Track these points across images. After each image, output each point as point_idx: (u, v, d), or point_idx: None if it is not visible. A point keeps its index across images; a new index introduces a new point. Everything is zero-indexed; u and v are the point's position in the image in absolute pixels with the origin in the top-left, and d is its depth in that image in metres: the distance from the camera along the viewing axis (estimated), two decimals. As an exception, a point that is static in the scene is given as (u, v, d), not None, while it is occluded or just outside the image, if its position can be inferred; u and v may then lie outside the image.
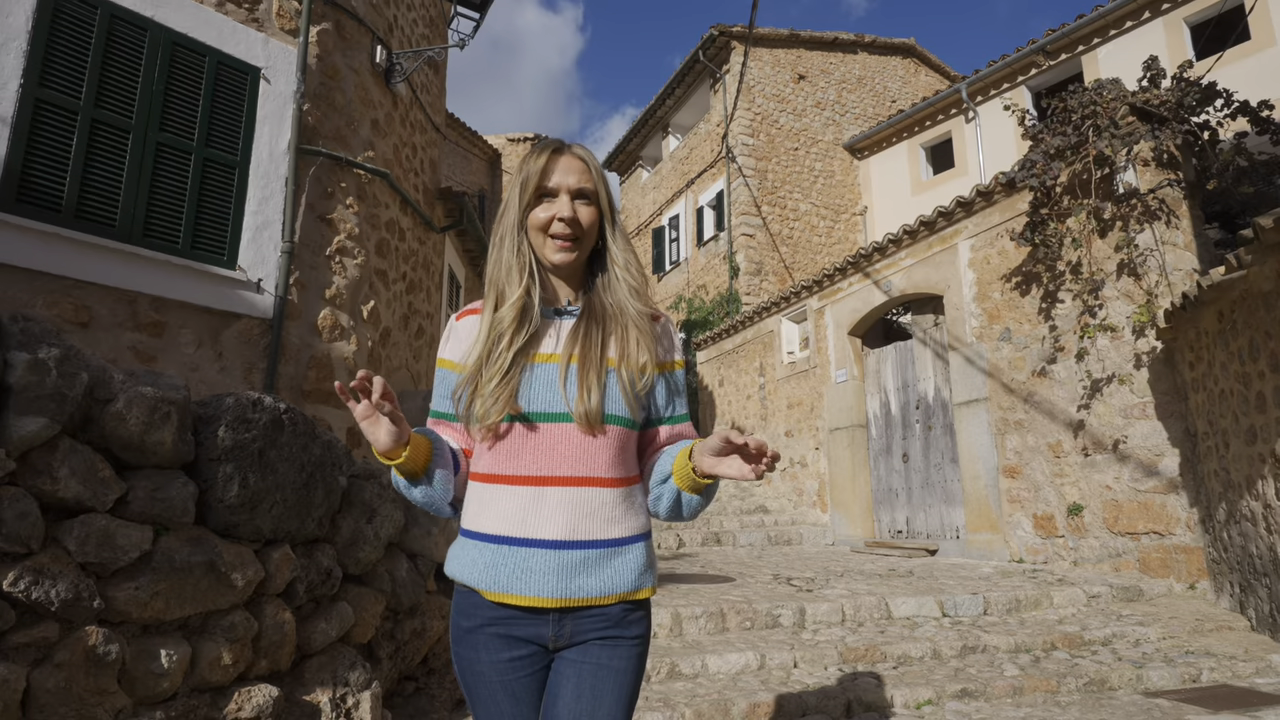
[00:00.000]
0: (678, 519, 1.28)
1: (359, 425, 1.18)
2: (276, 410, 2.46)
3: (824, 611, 4.35)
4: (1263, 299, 3.80)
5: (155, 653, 2.08)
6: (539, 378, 1.23)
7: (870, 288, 8.15)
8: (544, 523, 1.18)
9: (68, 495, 1.96)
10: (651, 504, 1.30)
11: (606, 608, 1.21)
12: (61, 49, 4.30)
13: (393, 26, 6.61)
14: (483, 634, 1.22)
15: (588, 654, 1.20)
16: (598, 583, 1.19)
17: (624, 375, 1.23)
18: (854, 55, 15.97)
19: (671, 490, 1.25)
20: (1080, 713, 3.08)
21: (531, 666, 1.22)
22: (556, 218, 1.23)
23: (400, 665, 2.99)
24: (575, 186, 1.24)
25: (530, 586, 1.17)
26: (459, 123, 18.17)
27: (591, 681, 1.19)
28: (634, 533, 1.25)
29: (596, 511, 1.20)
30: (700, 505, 1.25)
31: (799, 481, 9.48)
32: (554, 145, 1.27)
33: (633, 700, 1.23)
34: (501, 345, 1.22)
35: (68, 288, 4.24)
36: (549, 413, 1.21)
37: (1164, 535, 5.15)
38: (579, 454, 1.20)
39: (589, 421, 1.19)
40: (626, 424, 1.25)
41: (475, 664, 1.22)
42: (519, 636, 1.21)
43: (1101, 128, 5.49)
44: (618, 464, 1.24)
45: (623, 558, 1.22)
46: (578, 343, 1.24)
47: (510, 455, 1.22)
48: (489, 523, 1.22)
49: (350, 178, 5.71)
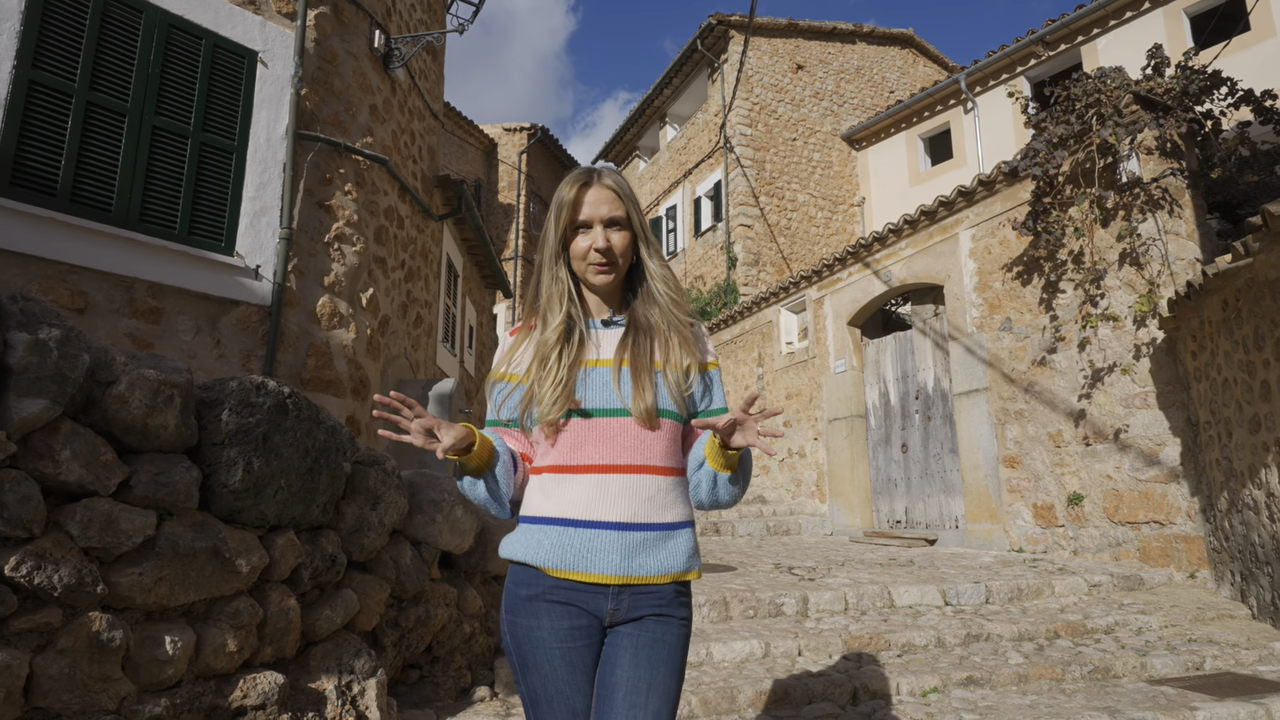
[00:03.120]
0: (717, 504, 1.38)
1: (422, 446, 1.27)
2: (280, 395, 2.42)
3: (827, 600, 4.34)
4: (1269, 287, 3.78)
5: (159, 639, 2.05)
6: (593, 380, 1.35)
7: (870, 278, 8.12)
8: (609, 507, 1.29)
9: (70, 479, 1.93)
10: (692, 492, 1.39)
11: (661, 587, 1.31)
12: (56, 30, 4.22)
13: (391, 11, 6.53)
14: (544, 601, 1.29)
15: (644, 628, 1.30)
16: (655, 562, 1.30)
17: (669, 376, 1.35)
18: (852, 45, 15.91)
19: (708, 474, 1.34)
20: (1086, 700, 3.08)
21: (589, 638, 1.29)
22: (593, 248, 1.36)
23: (404, 653, 2.97)
24: (607, 216, 1.37)
25: (596, 564, 1.27)
26: (455, 112, 18.06)
27: (649, 652, 1.28)
28: (683, 519, 1.35)
29: (654, 497, 1.31)
30: (734, 484, 1.35)
31: (797, 472, 9.48)
32: (584, 178, 1.38)
33: (682, 675, 1.32)
34: (552, 359, 1.34)
35: (63, 273, 4.18)
36: (608, 409, 1.33)
37: (1165, 524, 5.16)
38: (637, 445, 1.32)
39: (647, 416, 1.31)
40: (676, 418, 1.36)
41: (535, 630, 1.28)
42: (580, 606, 1.29)
43: (1105, 116, 5.46)
44: (670, 455, 1.35)
45: (675, 541, 1.33)
46: (628, 349, 1.37)
47: (574, 448, 1.32)
48: (556, 507, 1.31)
49: (349, 164, 5.65)
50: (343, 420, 5.21)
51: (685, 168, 15.83)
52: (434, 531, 3.09)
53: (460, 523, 3.18)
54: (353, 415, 5.39)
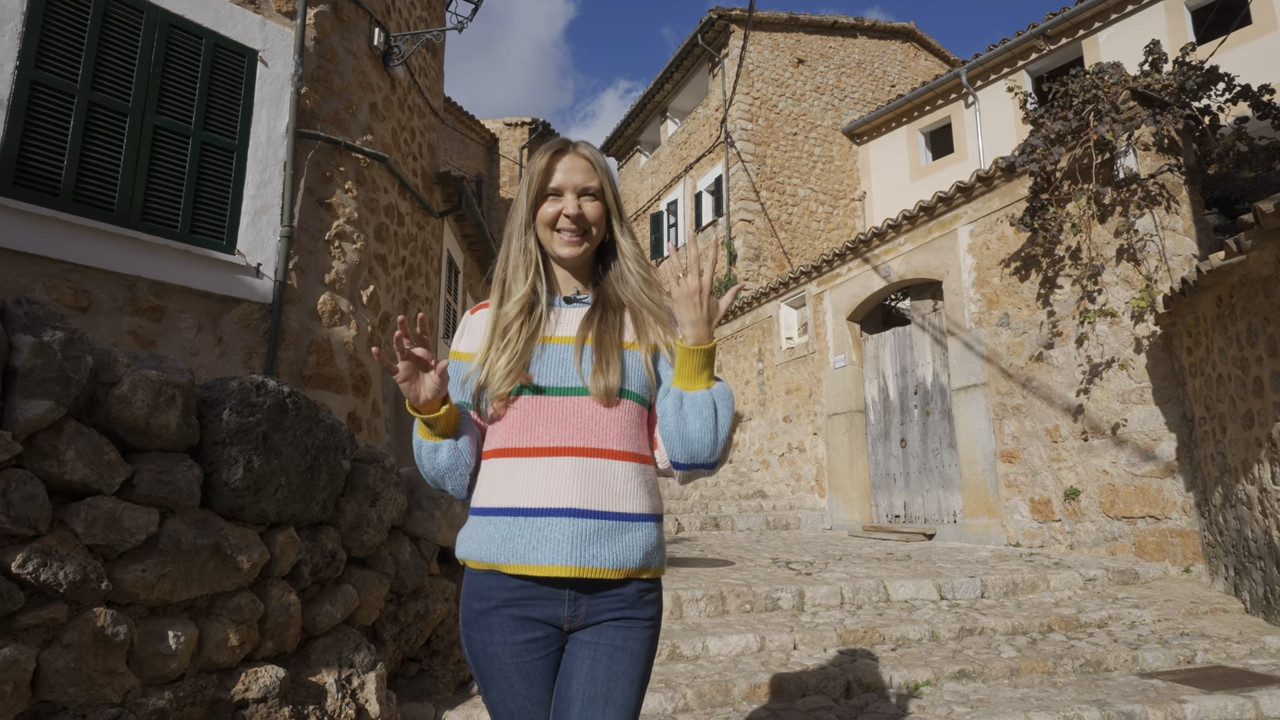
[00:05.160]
0: (691, 452, 1.25)
1: (400, 387, 1.24)
2: (280, 394, 2.46)
3: (823, 594, 4.39)
4: (1262, 284, 3.81)
5: (163, 634, 2.10)
6: (551, 356, 1.28)
7: (869, 273, 8.14)
8: (557, 492, 1.20)
9: (74, 478, 1.97)
10: (664, 441, 1.28)
11: (621, 588, 1.24)
12: (57, 30, 4.26)
13: (390, 9, 6.55)
14: (497, 616, 1.23)
15: (602, 635, 1.22)
16: (611, 554, 1.20)
17: (639, 357, 1.30)
18: (853, 39, 15.87)
19: (674, 397, 1.25)
20: (1077, 693, 3.12)
21: (546, 649, 1.23)
22: (563, 214, 1.30)
23: (404, 647, 3.01)
24: (580, 185, 1.31)
25: (546, 555, 1.19)
26: (456, 107, 18.06)
27: (606, 662, 1.20)
28: (645, 511, 1.26)
29: (608, 484, 1.23)
30: (701, 415, 1.22)
31: (797, 467, 9.52)
32: (558, 145, 1.34)
33: (645, 681, 1.25)
34: (511, 332, 1.28)
35: (66, 272, 4.22)
36: (562, 387, 1.26)
37: (1160, 519, 5.19)
38: (590, 425, 1.24)
39: (606, 395, 1.24)
40: (639, 400, 1.29)
41: (489, 646, 1.22)
42: (535, 618, 1.22)
43: (1102, 112, 5.47)
44: (628, 438, 1.27)
45: (634, 534, 1.23)
46: (593, 326, 1.30)
47: (523, 429, 1.25)
48: (502, 496, 1.24)
49: (349, 162, 5.68)
50: (344, 417, 5.25)
51: (686, 162, 15.83)
52: (433, 527, 3.13)
53: (459, 518, 3.22)
54: (354, 412, 5.43)
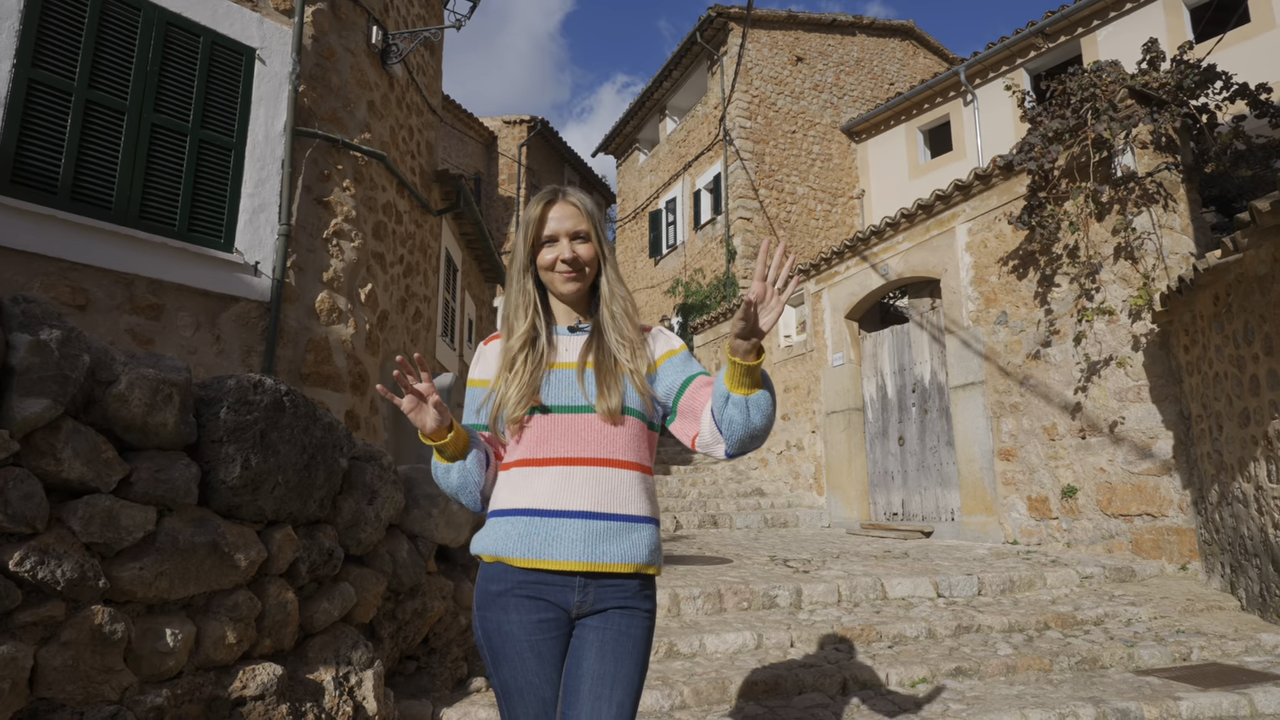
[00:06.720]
0: (753, 432, 1.31)
1: (409, 418, 1.37)
2: (278, 392, 2.47)
3: (820, 592, 4.40)
4: (1258, 282, 3.81)
5: (160, 632, 2.10)
6: (557, 380, 1.44)
7: (867, 271, 8.15)
8: (573, 496, 1.36)
9: (71, 476, 1.97)
10: (725, 433, 1.33)
11: (626, 580, 1.38)
12: (55, 28, 4.25)
13: (388, 6, 6.55)
14: (512, 596, 1.36)
15: (609, 621, 1.36)
16: (619, 550, 1.36)
17: (635, 380, 1.44)
18: (852, 37, 15.87)
19: (737, 402, 1.30)
20: (1072, 690, 3.13)
21: (556, 630, 1.36)
22: (560, 259, 1.46)
23: (401, 645, 3.02)
24: (572, 229, 1.47)
25: (561, 551, 1.34)
26: (455, 105, 18.05)
27: (614, 645, 1.35)
28: (646, 514, 1.41)
29: (617, 489, 1.38)
30: (764, 404, 1.29)
31: (795, 464, 9.53)
32: (549, 195, 1.50)
33: (645, 665, 1.39)
34: (518, 364, 1.44)
35: (64, 270, 4.23)
36: (571, 405, 1.41)
37: (1157, 517, 5.20)
38: (601, 439, 1.40)
39: (611, 413, 1.39)
40: (640, 417, 1.44)
41: (504, 625, 1.35)
42: (547, 599, 1.36)
43: (1100, 110, 5.48)
44: (633, 450, 1.42)
45: (639, 533, 1.39)
46: (592, 352, 1.46)
47: (540, 442, 1.41)
48: (522, 499, 1.39)
49: (347, 160, 5.68)
50: (341, 415, 5.26)
51: (685, 160, 15.83)
52: (430, 525, 3.14)
53: (456, 516, 3.23)
54: (352, 410, 5.44)
